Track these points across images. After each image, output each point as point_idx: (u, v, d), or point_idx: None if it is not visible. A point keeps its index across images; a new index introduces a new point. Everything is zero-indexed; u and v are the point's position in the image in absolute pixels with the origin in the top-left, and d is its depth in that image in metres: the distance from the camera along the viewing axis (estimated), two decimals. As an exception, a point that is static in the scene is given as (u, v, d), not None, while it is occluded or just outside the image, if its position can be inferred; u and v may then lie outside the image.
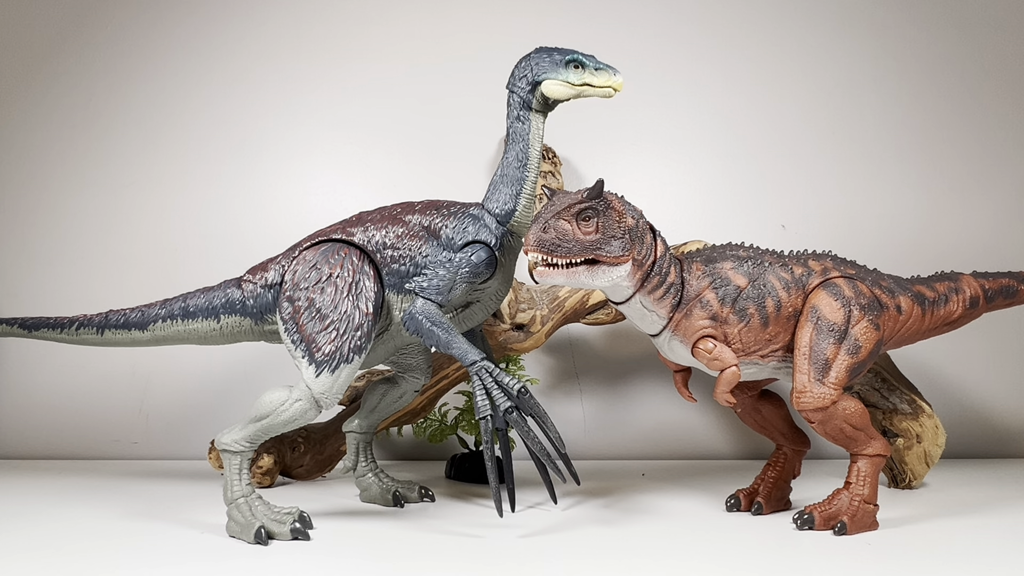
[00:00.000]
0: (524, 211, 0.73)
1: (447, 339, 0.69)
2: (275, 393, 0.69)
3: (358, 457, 0.82)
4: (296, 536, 0.66)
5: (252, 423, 0.69)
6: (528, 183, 0.73)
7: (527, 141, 0.73)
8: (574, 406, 1.17)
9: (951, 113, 1.17)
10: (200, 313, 0.76)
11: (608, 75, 0.71)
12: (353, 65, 1.21)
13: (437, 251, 0.72)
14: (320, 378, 0.68)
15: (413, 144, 1.20)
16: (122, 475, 1.00)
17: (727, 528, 0.70)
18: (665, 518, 0.74)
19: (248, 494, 0.68)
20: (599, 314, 0.97)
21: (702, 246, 0.93)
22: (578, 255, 0.63)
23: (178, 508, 0.79)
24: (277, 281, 0.74)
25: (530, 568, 0.58)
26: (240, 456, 0.69)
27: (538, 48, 0.73)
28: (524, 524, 0.71)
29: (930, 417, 0.88)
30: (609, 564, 0.59)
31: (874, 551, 0.62)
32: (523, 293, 0.90)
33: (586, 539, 0.66)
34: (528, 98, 0.72)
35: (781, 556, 0.61)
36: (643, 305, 0.69)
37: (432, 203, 0.75)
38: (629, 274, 0.66)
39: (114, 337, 0.78)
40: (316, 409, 0.70)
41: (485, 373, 0.69)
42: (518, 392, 0.68)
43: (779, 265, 0.72)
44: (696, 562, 0.60)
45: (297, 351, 0.70)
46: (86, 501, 0.83)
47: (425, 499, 0.82)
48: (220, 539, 0.67)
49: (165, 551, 0.63)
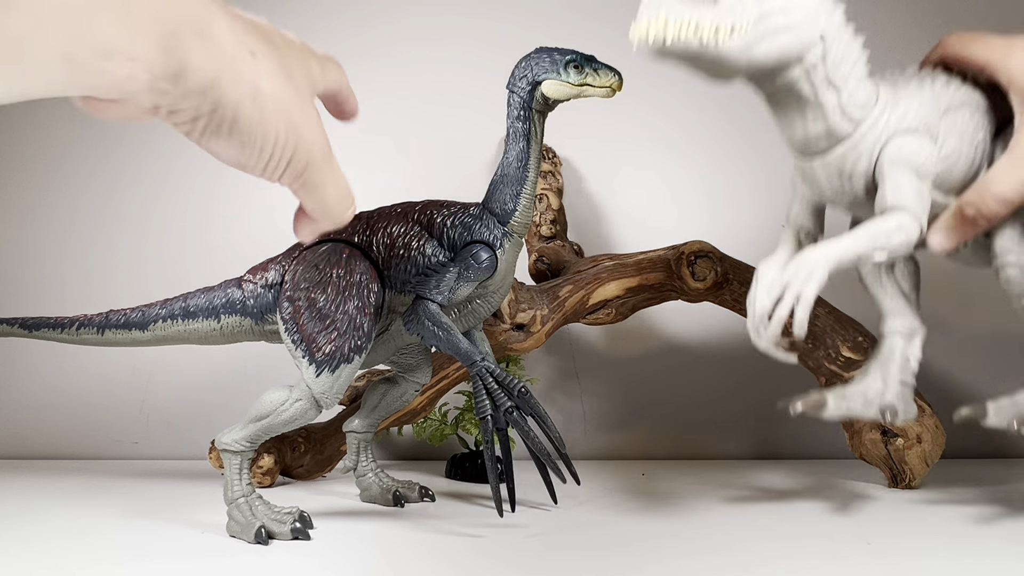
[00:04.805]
0: (524, 211, 0.73)
1: (448, 339, 0.69)
2: (275, 393, 0.69)
3: (358, 457, 0.82)
4: (296, 536, 0.66)
5: (252, 423, 0.69)
6: (528, 183, 0.73)
7: (527, 141, 0.73)
8: (574, 406, 1.17)
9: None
10: (200, 313, 0.76)
11: (608, 75, 0.71)
12: (353, 65, 1.21)
13: (438, 251, 0.72)
14: (320, 378, 0.69)
15: (413, 144, 1.20)
16: (122, 475, 1.00)
17: (727, 528, 0.70)
18: (665, 518, 0.74)
19: (248, 494, 0.68)
20: (599, 314, 0.96)
21: (702, 246, 0.94)
22: None
23: (178, 508, 0.79)
24: (277, 281, 0.74)
25: (530, 568, 0.58)
26: (241, 456, 0.69)
27: (538, 48, 0.73)
28: (524, 524, 0.71)
29: (930, 417, 0.88)
30: (609, 564, 0.59)
31: (874, 551, 0.63)
32: (523, 293, 0.90)
33: (586, 539, 0.66)
34: (528, 98, 0.72)
35: (781, 556, 0.61)
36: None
37: (432, 203, 0.75)
38: None
39: (115, 337, 0.78)
40: (316, 409, 0.70)
41: (486, 373, 0.69)
42: (519, 392, 0.69)
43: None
44: (696, 562, 0.60)
45: (297, 351, 0.70)
46: (86, 501, 0.83)
47: (425, 499, 0.82)
48: (220, 538, 0.67)
49: (165, 550, 0.63)
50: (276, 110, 0.44)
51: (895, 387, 0.72)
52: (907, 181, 0.64)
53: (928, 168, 0.65)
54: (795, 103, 0.64)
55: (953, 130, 0.67)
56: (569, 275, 0.96)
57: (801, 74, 0.61)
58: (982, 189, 0.65)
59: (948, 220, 0.68)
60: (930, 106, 0.66)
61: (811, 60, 0.61)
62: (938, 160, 0.66)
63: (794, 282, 0.63)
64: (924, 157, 0.64)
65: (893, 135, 0.65)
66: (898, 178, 0.64)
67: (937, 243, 0.69)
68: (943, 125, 0.66)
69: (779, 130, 0.67)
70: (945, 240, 0.68)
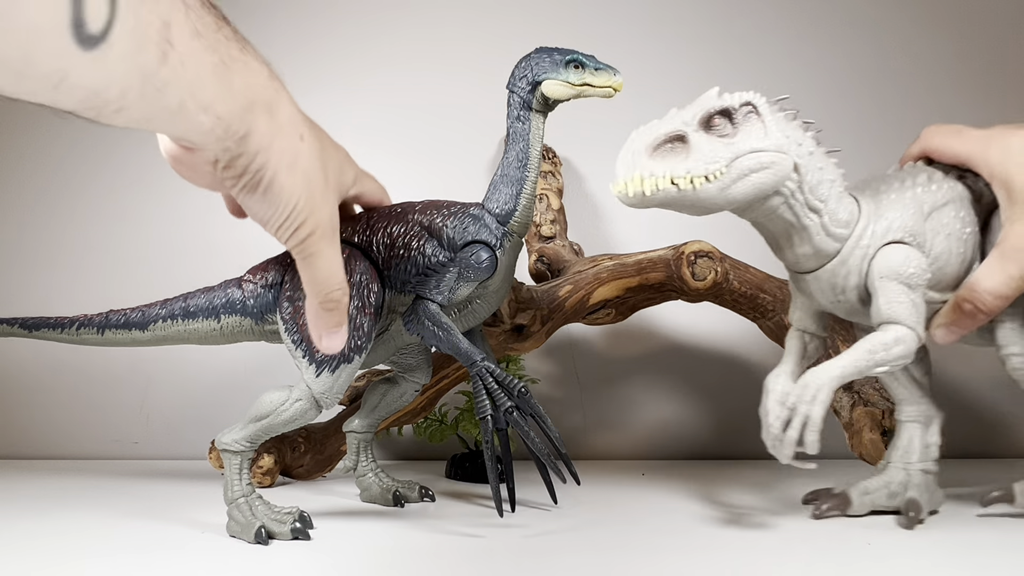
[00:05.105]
0: (524, 211, 0.73)
1: (448, 339, 0.69)
2: (275, 393, 0.69)
3: (358, 457, 0.82)
4: (296, 536, 0.66)
5: (252, 423, 0.69)
6: (528, 183, 0.73)
7: (527, 141, 0.73)
8: (574, 406, 1.17)
9: (954, 109, 1.17)
10: (200, 313, 0.76)
11: (608, 75, 0.71)
12: (354, 66, 1.21)
13: (438, 251, 0.72)
14: (320, 378, 0.69)
15: (414, 145, 1.20)
16: (122, 475, 1.00)
17: (727, 528, 0.70)
18: (665, 518, 0.74)
19: (248, 494, 0.69)
20: (599, 314, 0.96)
21: (702, 246, 0.94)
22: None
23: (178, 508, 0.79)
24: (278, 281, 0.74)
25: (530, 568, 0.58)
26: (240, 456, 0.69)
27: (538, 48, 0.73)
28: (525, 524, 0.71)
29: None
30: (609, 564, 0.59)
31: (874, 551, 0.63)
32: (523, 293, 0.90)
33: (586, 539, 0.66)
34: (528, 98, 0.72)
35: (781, 556, 0.61)
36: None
37: (432, 203, 0.75)
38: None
39: (115, 337, 0.78)
40: (316, 409, 0.70)
41: (486, 373, 0.69)
42: (519, 392, 0.69)
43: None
44: (696, 562, 0.60)
45: (297, 351, 0.70)
46: (86, 501, 0.83)
47: (425, 499, 0.82)
48: (221, 538, 0.67)
49: (166, 550, 0.63)
50: (303, 184, 0.55)
51: (918, 477, 0.73)
52: (899, 294, 0.65)
53: (918, 277, 0.66)
54: (780, 228, 0.66)
55: (940, 230, 0.68)
56: (569, 275, 0.96)
57: (781, 203, 0.64)
58: (975, 285, 0.66)
59: (948, 315, 0.68)
60: (913, 212, 0.67)
61: (788, 189, 0.63)
62: (928, 264, 0.67)
63: (800, 406, 0.65)
64: (913, 267, 0.65)
65: (880, 248, 0.66)
66: (890, 292, 0.65)
67: (940, 338, 0.70)
68: (929, 228, 0.67)
69: (771, 250, 0.70)
70: (947, 335, 0.69)
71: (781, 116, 0.64)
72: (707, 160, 0.60)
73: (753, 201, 0.63)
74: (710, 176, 0.59)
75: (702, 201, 0.61)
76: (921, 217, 0.67)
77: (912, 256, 0.66)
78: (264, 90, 0.52)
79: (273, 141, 0.52)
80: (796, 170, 0.63)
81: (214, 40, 0.48)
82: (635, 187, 0.59)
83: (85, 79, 0.40)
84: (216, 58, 0.47)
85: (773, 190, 0.63)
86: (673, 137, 0.61)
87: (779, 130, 0.63)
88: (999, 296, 0.65)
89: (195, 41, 0.45)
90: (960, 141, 0.68)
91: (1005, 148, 0.64)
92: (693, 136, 0.60)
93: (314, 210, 0.56)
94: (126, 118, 0.44)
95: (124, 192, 1.19)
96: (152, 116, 0.45)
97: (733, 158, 0.60)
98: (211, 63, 0.47)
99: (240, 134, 0.50)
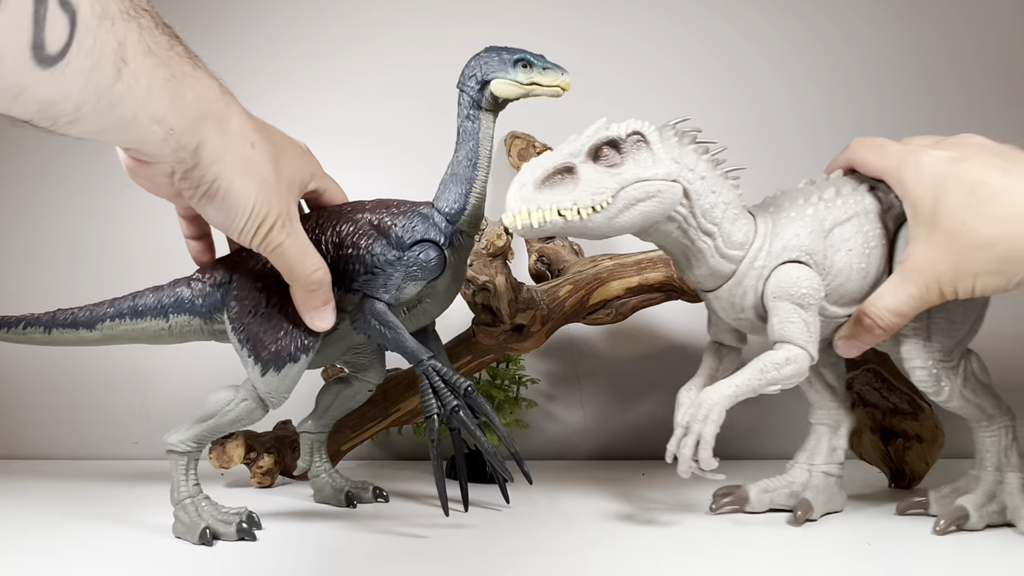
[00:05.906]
0: (474, 210, 0.73)
1: (395, 338, 0.69)
2: (222, 393, 0.69)
3: (312, 457, 0.82)
4: (242, 536, 0.66)
5: (198, 423, 0.69)
6: (478, 182, 0.73)
7: (477, 140, 0.73)
8: (574, 406, 1.17)
9: (956, 109, 1.16)
10: (149, 312, 0.75)
11: (556, 74, 0.71)
12: (351, 67, 1.20)
13: (386, 250, 0.71)
14: (266, 377, 0.68)
15: (411, 146, 1.18)
16: (122, 475, 1.00)
17: (727, 528, 0.70)
18: (665, 518, 0.74)
19: (195, 495, 0.68)
20: (599, 314, 0.96)
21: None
22: None
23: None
24: (226, 280, 0.74)
25: (530, 568, 0.58)
26: (187, 456, 0.69)
27: (487, 47, 0.73)
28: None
29: (930, 417, 0.88)
30: (609, 564, 0.59)
31: (874, 551, 0.62)
32: (523, 293, 0.90)
33: (586, 539, 0.67)
34: (478, 97, 0.72)
35: (781, 556, 0.61)
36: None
37: (382, 202, 0.75)
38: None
39: (62, 336, 0.77)
40: (263, 409, 0.70)
41: (432, 372, 0.68)
42: (465, 391, 0.68)
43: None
44: (696, 562, 0.59)
45: (244, 350, 0.70)
46: (86, 501, 0.83)
47: (379, 499, 0.82)
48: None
49: (166, 550, 0.64)
50: (257, 186, 0.58)
51: (819, 479, 0.74)
52: (791, 313, 0.66)
53: (811, 297, 0.66)
54: (677, 250, 0.67)
55: (841, 246, 0.68)
56: (569, 275, 0.95)
57: (675, 227, 0.65)
58: (876, 302, 0.66)
59: (850, 329, 0.69)
60: (811, 230, 0.68)
61: (680, 215, 0.65)
62: (827, 280, 0.68)
63: (694, 424, 0.67)
64: (805, 287, 0.66)
65: (774, 268, 0.67)
66: (782, 312, 0.66)
67: (842, 351, 0.71)
68: (829, 244, 0.68)
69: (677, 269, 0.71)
70: (849, 347, 0.70)
71: (674, 142, 0.65)
72: (593, 191, 0.61)
73: (644, 228, 0.64)
74: (596, 207, 0.61)
75: (592, 230, 0.62)
76: (820, 234, 0.68)
77: (804, 276, 0.66)
78: (215, 103, 0.55)
79: (226, 152, 0.56)
80: (687, 196, 0.64)
81: (166, 57, 0.51)
82: (523, 219, 0.61)
83: (41, 93, 0.43)
84: (168, 73, 0.51)
85: (663, 216, 0.64)
86: (562, 169, 0.62)
87: (669, 157, 0.63)
88: (897, 314, 0.65)
89: (148, 58, 0.49)
90: (879, 156, 0.69)
91: (916, 167, 0.65)
92: (581, 167, 0.62)
93: (271, 206, 0.59)
94: (81, 129, 0.47)
95: (126, 191, 1.17)
96: (106, 128, 0.48)
97: (619, 188, 0.62)
98: (163, 78, 0.50)
99: (192, 145, 0.54)
